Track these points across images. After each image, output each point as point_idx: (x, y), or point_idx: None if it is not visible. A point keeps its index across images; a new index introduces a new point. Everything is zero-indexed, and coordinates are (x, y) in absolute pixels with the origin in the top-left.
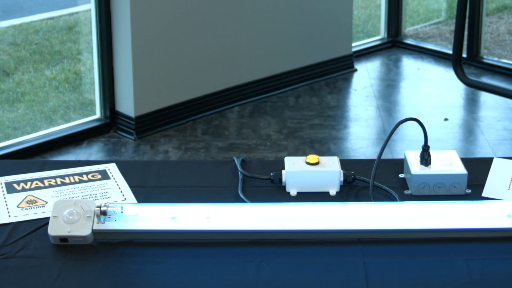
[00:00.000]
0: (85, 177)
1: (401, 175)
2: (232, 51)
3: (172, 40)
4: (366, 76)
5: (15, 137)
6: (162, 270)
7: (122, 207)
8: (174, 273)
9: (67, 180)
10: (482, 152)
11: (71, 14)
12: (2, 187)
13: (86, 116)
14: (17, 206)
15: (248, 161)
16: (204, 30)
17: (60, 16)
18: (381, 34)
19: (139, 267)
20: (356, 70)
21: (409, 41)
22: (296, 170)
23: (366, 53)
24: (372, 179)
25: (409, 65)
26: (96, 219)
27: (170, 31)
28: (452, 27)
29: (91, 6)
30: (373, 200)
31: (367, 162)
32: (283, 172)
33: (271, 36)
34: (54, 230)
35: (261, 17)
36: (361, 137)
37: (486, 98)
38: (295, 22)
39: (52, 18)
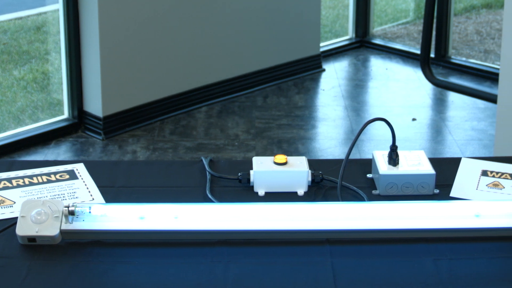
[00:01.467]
0: (53, 177)
1: (369, 175)
2: (200, 51)
3: (140, 40)
4: (334, 76)
5: None
6: (130, 270)
7: (90, 207)
8: (142, 273)
9: (35, 180)
10: (450, 152)
11: (39, 14)
12: None
13: (54, 116)
14: None
15: (216, 161)
16: (172, 31)
17: (28, 16)
18: (349, 34)
19: (107, 267)
20: (324, 70)
21: (377, 41)
22: (264, 170)
23: (334, 53)
24: (340, 179)
25: (377, 65)
26: (64, 219)
27: (138, 32)
28: (420, 27)
29: (59, 6)
30: (341, 200)
31: (335, 162)
32: (251, 172)
33: (239, 36)
34: (22, 230)
35: (229, 17)
36: (329, 137)
37: (454, 98)
38: (263, 22)
39: (20, 18)
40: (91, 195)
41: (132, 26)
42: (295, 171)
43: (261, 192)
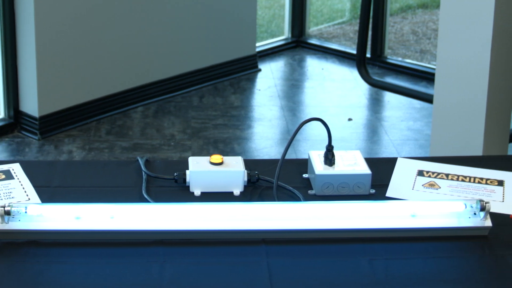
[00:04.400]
0: None
1: (305, 175)
2: (136, 51)
3: (76, 39)
4: (270, 76)
5: None
6: (66, 270)
7: (26, 207)
8: (78, 273)
9: None
10: (386, 152)
11: None
12: None
13: None
14: None
15: (152, 161)
16: (108, 31)
17: None
18: (285, 34)
19: (43, 267)
20: (260, 70)
21: (313, 41)
22: (200, 170)
23: (270, 53)
24: (276, 179)
25: (313, 65)
26: (0, 219)
27: (74, 31)
28: (356, 27)
29: None
30: (277, 200)
31: (271, 162)
32: (187, 172)
33: (175, 36)
34: None
35: (164, 17)
36: (265, 137)
37: (390, 98)
38: (199, 22)
39: None
40: (27, 195)
41: (68, 25)
42: (231, 171)
43: (197, 192)
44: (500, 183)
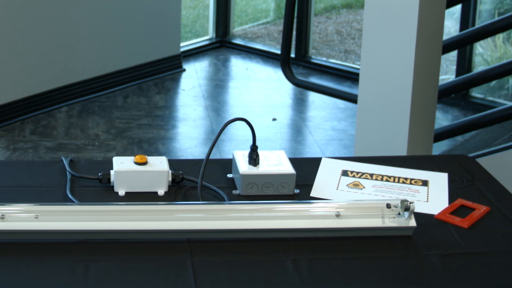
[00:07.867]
0: None
1: (229, 175)
2: (60, 50)
3: None
4: (194, 76)
5: None
6: None
7: None
8: (2, 273)
9: None
10: (310, 152)
11: None
12: None
13: None
14: None
15: (77, 161)
16: (31, 30)
17: None
18: (210, 34)
19: None
20: (184, 70)
21: (238, 41)
22: (124, 170)
23: (195, 53)
24: (200, 179)
25: (238, 65)
26: None
27: None
28: (281, 27)
29: None
30: (201, 200)
31: (195, 162)
32: (111, 172)
33: (99, 36)
34: None
35: (88, 17)
36: (189, 137)
37: (314, 98)
38: (123, 21)
39: None
40: None
41: None
42: (155, 171)
43: (121, 192)
44: (425, 183)
